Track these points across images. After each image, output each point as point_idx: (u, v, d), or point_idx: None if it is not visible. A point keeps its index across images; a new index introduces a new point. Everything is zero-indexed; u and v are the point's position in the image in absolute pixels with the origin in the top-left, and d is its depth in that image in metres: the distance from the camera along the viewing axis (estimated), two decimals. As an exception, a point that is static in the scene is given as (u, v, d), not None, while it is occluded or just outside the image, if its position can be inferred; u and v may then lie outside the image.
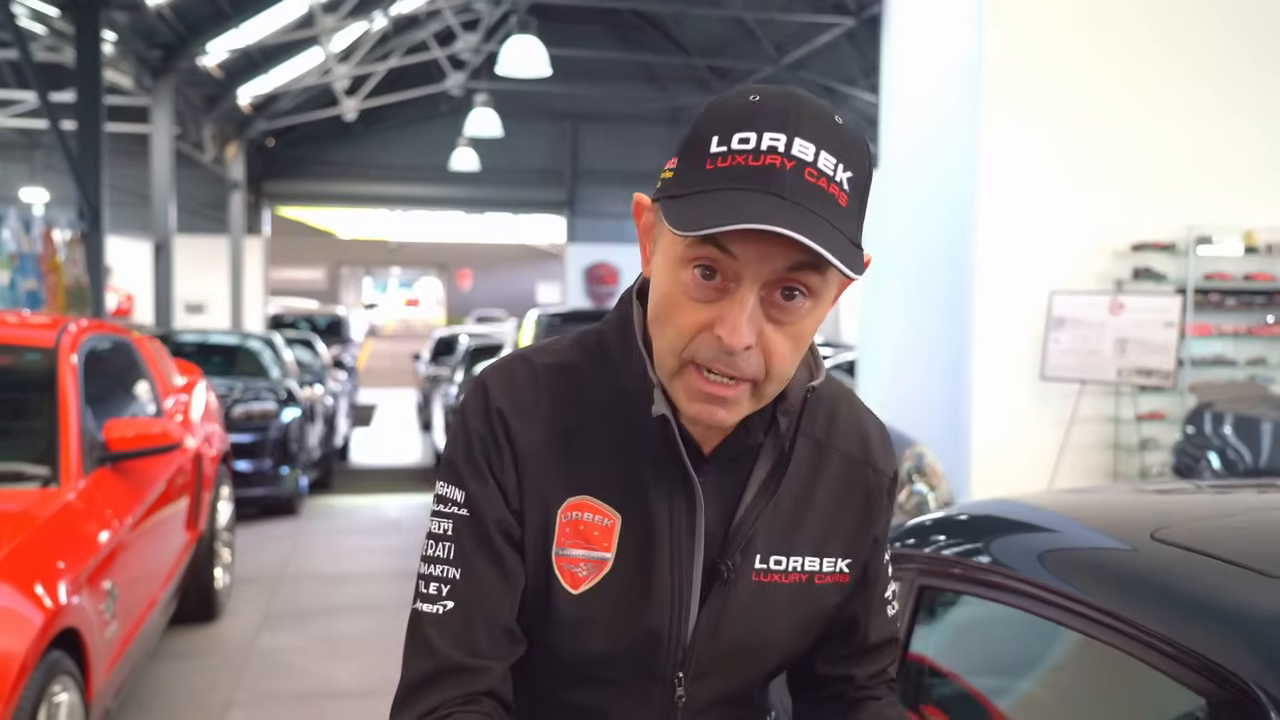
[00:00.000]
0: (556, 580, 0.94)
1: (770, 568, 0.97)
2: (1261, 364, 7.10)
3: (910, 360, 8.01)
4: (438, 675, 0.93)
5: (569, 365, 0.98)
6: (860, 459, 1.02)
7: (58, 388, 3.07)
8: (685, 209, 0.84)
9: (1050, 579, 1.08)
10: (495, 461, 0.94)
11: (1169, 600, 0.96)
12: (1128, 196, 6.91)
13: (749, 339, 0.85)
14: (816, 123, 0.85)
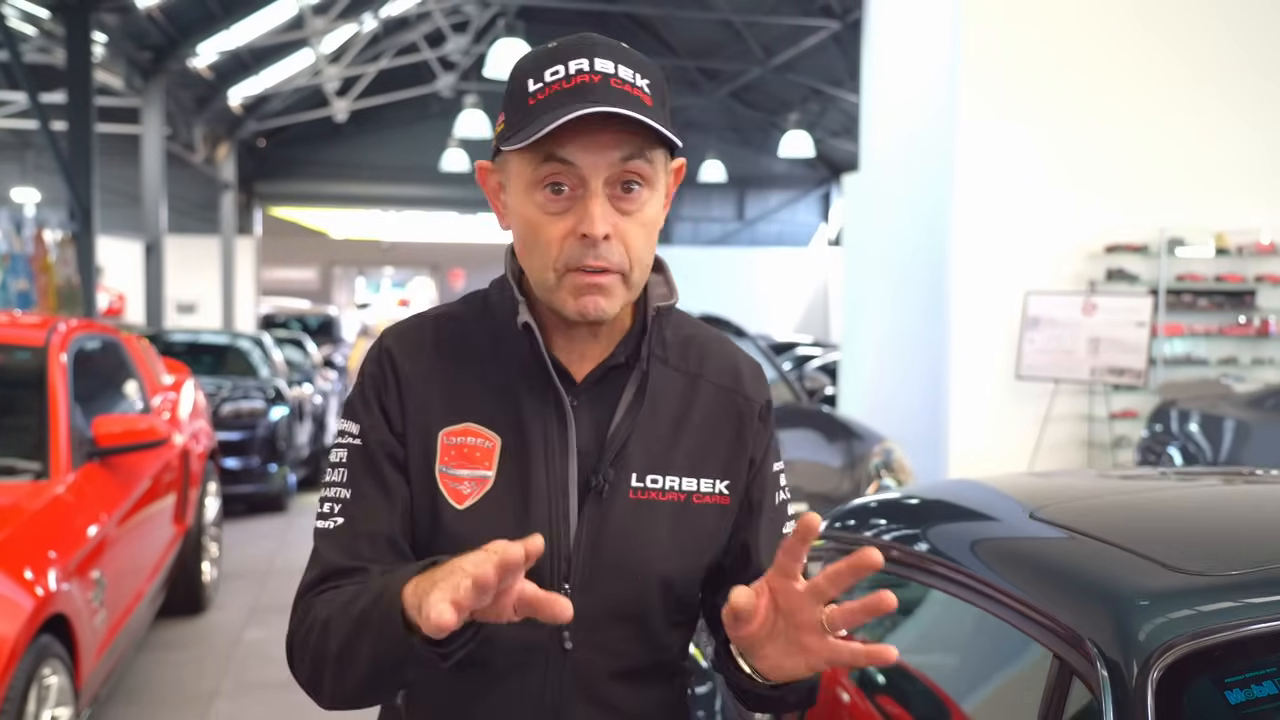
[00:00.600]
0: (442, 496, 1.04)
1: (647, 486, 1.05)
2: (1232, 363, 7.24)
3: (891, 360, 8.13)
4: (323, 577, 1.02)
5: (455, 314, 1.11)
6: (731, 388, 1.11)
7: (47, 385, 3.17)
8: (523, 133, 0.97)
9: (941, 554, 1.20)
10: (382, 392, 1.06)
11: (1031, 570, 1.08)
12: (1101, 199, 7.05)
13: (607, 227, 0.97)
14: (610, 48, 1.01)
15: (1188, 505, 1.33)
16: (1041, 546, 1.14)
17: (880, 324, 8.33)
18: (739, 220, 23.83)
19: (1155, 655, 0.86)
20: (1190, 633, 0.88)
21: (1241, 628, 0.90)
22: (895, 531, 1.35)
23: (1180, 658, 0.87)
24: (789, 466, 4.08)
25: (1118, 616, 0.91)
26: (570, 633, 1.03)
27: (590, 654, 1.04)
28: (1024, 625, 1.02)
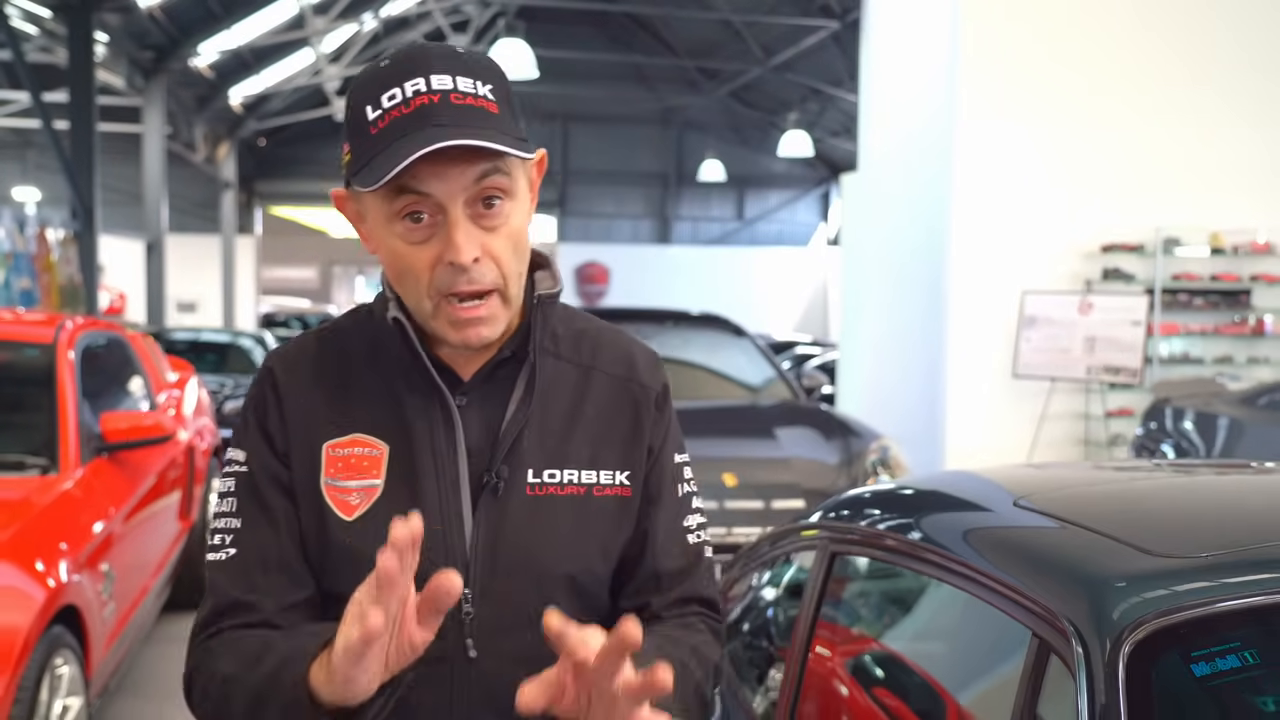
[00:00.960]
0: (330, 509, 1.02)
1: (545, 481, 1.03)
2: (1228, 362, 7.29)
3: (889, 358, 8.18)
4: (218, 611, 1.01)
5: (338, 329, 1.10)
6: (625, 377, 1.09)
7: (56, 382, 3.23)
8: (368, 173, 0.95)
9: (930, 541, 1.25)
10: (262, 412, 1.05)
11: (1014, 554, 1.13)
12: (1098, 199, 7.10)
13: (473, 251, 0.96)
14: (444, 59, 0.97)
15: (1168, 494, 1.39)
16: (1024, 532, 1.20)
17: (878, 323, 8.38)
18: (738, 220, 23.87)
19: (1126, 632, 0.92)
20: (1159, 611, 0.94)
21: (1208, 606, 0.96)
22: (887, 520, 1.40)
23: (1150, 634, 0.92)
24: (787, 464, 4.10)
25: (1092, 596, 0.97)
26: (474, 640, 1.00)
27: (497, 663, 1.01)
28: (1006, 607, 1.07)
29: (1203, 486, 1.46)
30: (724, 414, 5.04)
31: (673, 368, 5.90)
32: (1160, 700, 0.88)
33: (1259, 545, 1.05)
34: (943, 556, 1.21)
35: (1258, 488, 1.43)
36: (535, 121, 21.67)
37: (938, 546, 1.23)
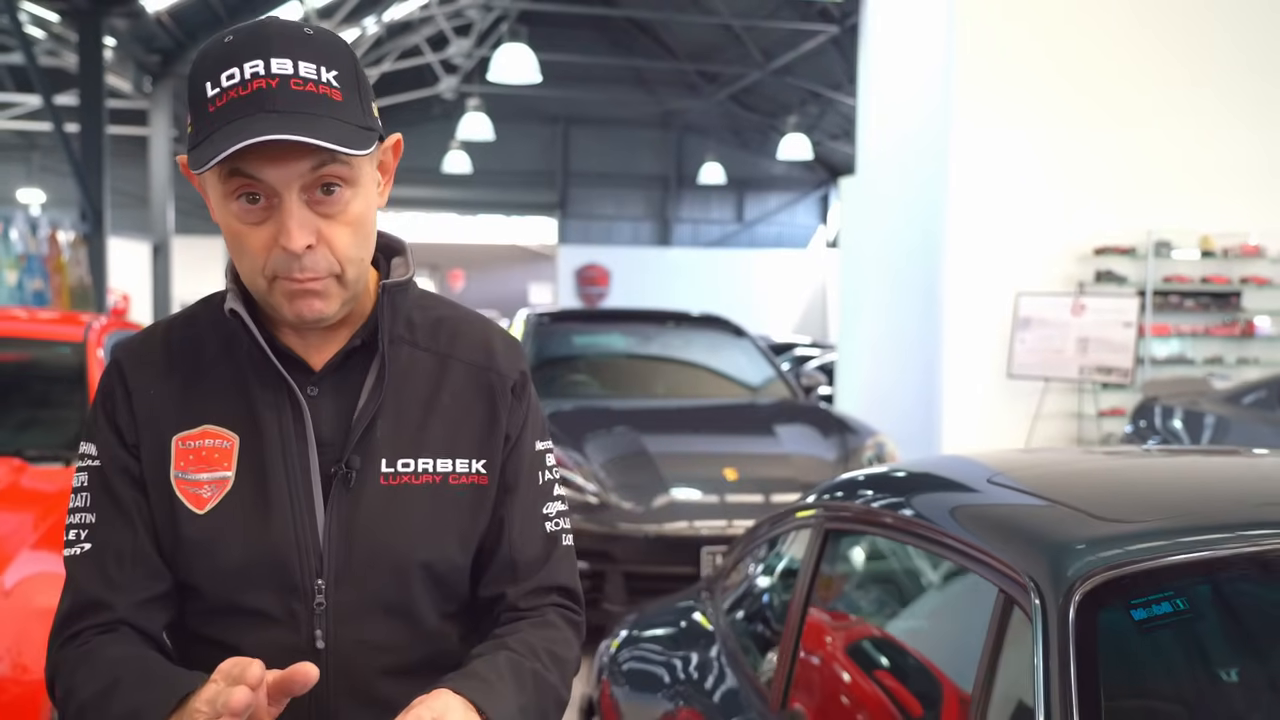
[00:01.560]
0: (180, 503, 1.01)
1: (399, 470, 1.01)
2: (1218, 363, 7.45)
3: (886, 359, 8.33)
4: (76, 609, 1.01)
5: (190, 319, 1.08)
6: (483, 365, 1.07)
7: (87, 377, 3.38)
8: (200, 152, 0.93)
9: (915, 514, 1.40)
10: (112, 407, 1.04)
11: (985, 523, 1.28)
12: (1091, 203, 7.25)
13: (305, 239, 0.94)
14: (288, 41, 0.94)
15: (1128, 471, 1.54)
16: (995, 504, 1.35)
17: (876, 324, 8.53)
18: (738, 222, 24.01)
19: (1076, 585, 1.06)
20: (1105, 566, 1.09)
21: (1146, 562, 1.11)
22: (877, 499, 1.55)
23: (1096, 586, 1.07)
24: (786, 460, 4.27)
25: (1049, 556, 1.11)
26: (323, 631, 0.99)
27: (354, 651, 1.01)
28: (978, 569, 1.22)
29: (1161, 465, 1.62)
30: (725, 412, 5.20)
31: (674, 366, 6.09)
32: (1104, 641, 1.03)
33: (1195, 512, 1.20)
34: (925, 528, 1.36)
35: (1210, 466, 1.59)
36: (537, 124, 21.83)
37: (921, 519, 1.38)
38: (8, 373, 3.52)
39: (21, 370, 3.54)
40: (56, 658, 1.01)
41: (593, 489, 4.13)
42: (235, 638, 1.00)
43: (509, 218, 23.41)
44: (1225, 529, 1.17)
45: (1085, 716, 0.97)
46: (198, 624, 1.04)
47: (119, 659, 0.98)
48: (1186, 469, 1.64)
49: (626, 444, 4.42)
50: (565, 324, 6.17)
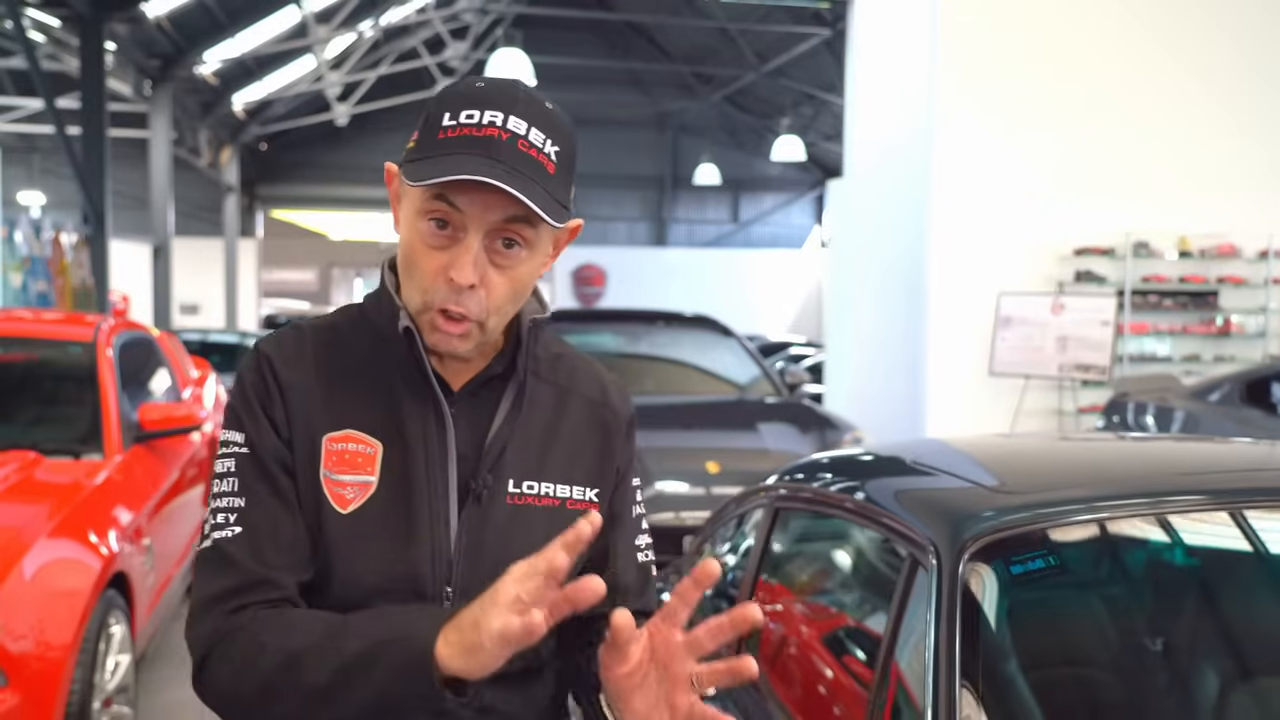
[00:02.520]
0: (327, 501, 1.05)
1: (524, 492, 1.09)
2: (1195, 360, 7.63)
3: (874, 357, 8.51)
4: (242, 587, 1.02)
5: (332, 325, 1.14)
6: (599, 401, 1.15)
7: (98, 376, 3.55)
8: (420, 167, 1.01)
9: (846, 491, 1.58)
10: (264, 400, 1.08)
11: (902, 498, 1.46)
12: (1071, 205, 7.43)
13: (473, 278, 1.01)
14: (530, 106, 1.03)
15: (1057, 451, 1.73)
16: (915, 483, 1.53)
17: (864, 323, 8.70)
18: (734, 222, 24.18)
19: (966, 545, 1.24)
20: (990, 530, 1.26)
21: (1025, 526, 1.29)
22: (818, 480, 1.73)
23: (982, 546, 1.24)
24: (767, 454, 4.47)
25: (946, 522, 1.29)
26: None
27: None
28: (894, 537, 1.39)
29: (1088, 447, 1.80)
30: (710, 408, 5.38)
31: (663, 365, 6.26)
32: (986, 592, 1.21)
33: (1086, 484, 1.38)
34: (856, 504, 1.54)
35: (1130, 448, 1.77)
36: (533, 126, 21.96)
37: (852, 496, 1.56)
38: (22, 371, 3.70)
39: (35, 369, 3.71)
40: (217, 629, 1.01)
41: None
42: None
43: (506, 219, 23.57)
44: (1110, 498, 1.35)
45: (967, 654, 1.15)
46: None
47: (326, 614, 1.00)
48: (1107, 450, 1.82)
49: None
50: (557, 324, 6.35)
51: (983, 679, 1.15)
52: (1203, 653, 1.31)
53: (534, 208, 0.99)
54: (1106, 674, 1.28)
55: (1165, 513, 1.34)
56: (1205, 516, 1.44)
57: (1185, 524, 1.41)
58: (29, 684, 2.38)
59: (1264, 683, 1.32)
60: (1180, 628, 1.34)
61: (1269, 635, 1.36)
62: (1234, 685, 1.29)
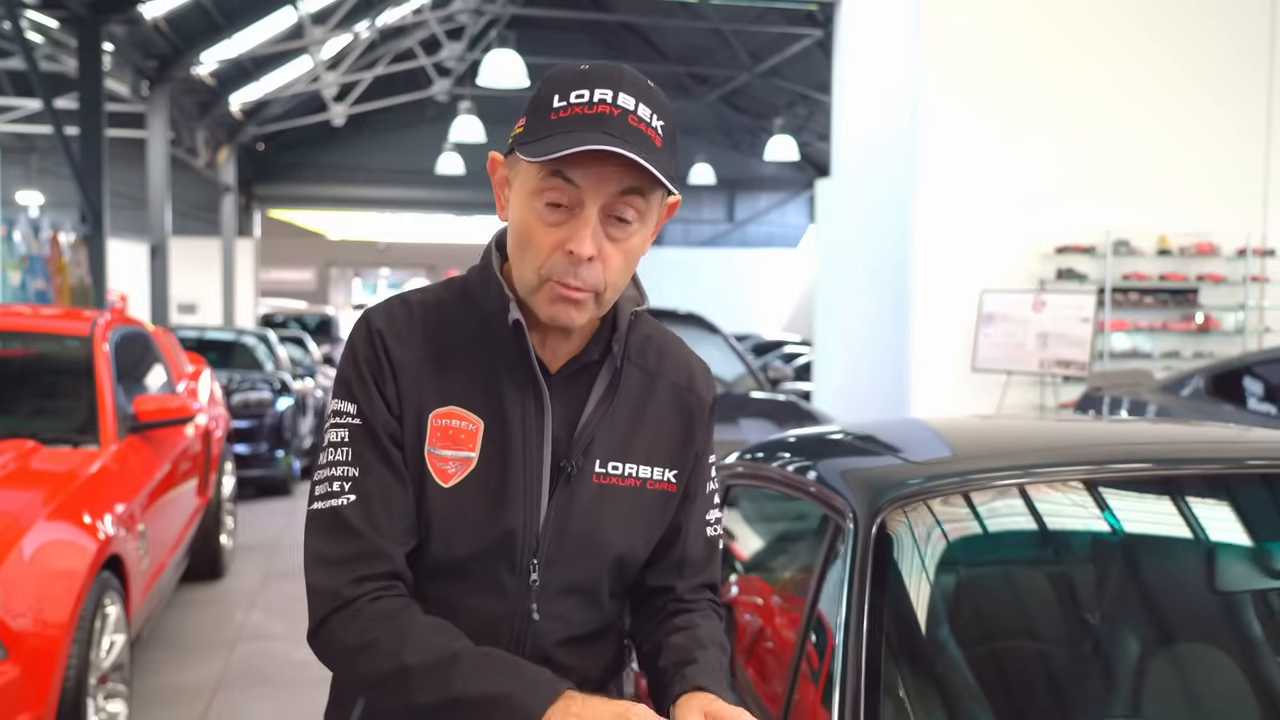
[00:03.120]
0: (430, 475, 1.10)
1: (609, 472, 1.14)
2: (1175, 356, 7.76)
3: (861, 354, 8.64)
4: (360, 555, 1.08)
5: (439, 301, 1.17)
6: (686, 386, 1.20)
7: (95, 368, 3.68)
8: (537, 146, 1.04)
9: (785, 467, 1.71)
10: (378, 375, 1.11)
11: (831, 470, 1.59)
12: (1052, 204, 7.56)
13: (592, 250, 1.05)
14: (635, 84, 1.07)
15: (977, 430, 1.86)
16: (848, 458, 1.66)
17: (851, 321, 8.83)
18: (729, 222, 24.31)
19: (879, 510, 1.36)
20: (900, 496, 1.39)
21: (929, 494, 1.41)
22: (760, 455, 1.86)
23: (891, 510, 1.37)
24: (744, 447, 4.57)
25: (864, 491, 1.41)
26: (537, 605, 1.11)
27: (549, 623, 1.12)
28: (823, 506, 1.52)
29: (1028, 427, 1.94)
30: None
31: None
32: (894, 549, 1.33)
33: (1002, 456, 1.51)
34: (794, 479, 1.66)
35: (1062, 428, 1.90)
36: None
37: (793, 472, 1.69)
38: (22, 364, 3.83)
39: (34, 362, 3.84)
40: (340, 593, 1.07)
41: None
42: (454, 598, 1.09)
43: (502, 218, 23.69)
44: (1020, 468, 1.48)
45: (875, 605, 1.27)
46: (419, 580, 1.12)
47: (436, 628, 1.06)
48: (1042, 429, 1.95)
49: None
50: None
51: (890, 624, 1.28)
52: (1091, 604, 1.44)
53: (654, 171, 1.02)
54: (1005, 619, 1.41)
55: (1062, 480, 1.48)
56: (1118, 489, 1.58)
57: (1092, 494, 1.54)
58: (28, 658, 2.51)
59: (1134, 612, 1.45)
60: (1078, 584, 1.47)
61: (1146, 586, 1.49)
62: (1119, 627, 1.42)
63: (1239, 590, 1.64)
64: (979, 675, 1.39)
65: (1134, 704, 1.50)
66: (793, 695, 1.38)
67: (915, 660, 1.34)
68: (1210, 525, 1.68)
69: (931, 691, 1.35)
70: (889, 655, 1.28)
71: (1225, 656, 1.68)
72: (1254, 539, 1.73)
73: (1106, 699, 1.44)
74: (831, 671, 1.30)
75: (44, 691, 2.54)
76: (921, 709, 1.32)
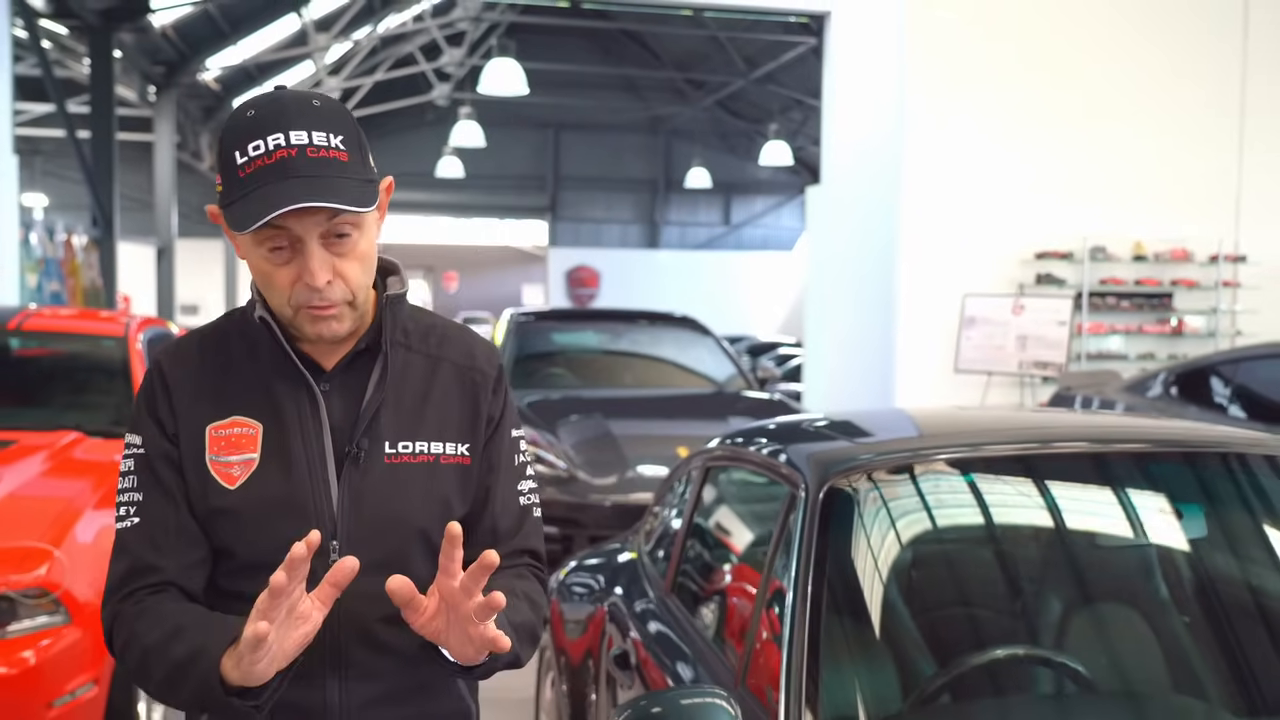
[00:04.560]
0: (214, 481, 1.20)
1: (399, 452, 1.22)
2: (1150, 358, 8.07)
3: (849, 358, 8.93)
4: (129, 573, 1.19)
5: (216, 329, 1.29)
6: (468, 365, 1.28)
7: (130, 365, 3.98)
8: (235, 212, 1.12)
9: (760, 449, 2.02)
10: (154, 403, 1.23)
11: (796, 452, 1.90)
12: (1032, 211, 7.87)
13: (326, 275, 1.14)
14: (300, 114, 1.12)
15: (940, 416, 2.18)
16: (809, 441, 1.97)
17: (840, 324, 9.12)
18: (725, 225, 24.59)
19: (827, 479, 1.66)
20: (844, 469, 1.69)
21: (873, 467, 1.72)
22: (738, 439, 2.17)
23: (837, 479, 1.67)
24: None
25: (814, 465, 1.72)
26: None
27: (360, 603, 1.16)
28: (784, 480, 1.83)
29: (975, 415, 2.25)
30: (684, 401, 5.83)
31: (642, 361, 6.69)
32: (836, 512, 1.64)
33: (935, 437, 1.82)
34: (763, 459, 1.97)
35: (1001, 416, 2.21)
36: (528, 129, 22.40)
37: (759, 452, 1.99)
38: (63, 362, 4.13)
39: (74, 360, 4.14)
40: (114, 610, 1.19)
41: (563, 465, 4.75)
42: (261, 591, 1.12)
43: (501, 221, 23.97)
44: (956, 446, 1.78)
45: (819, 558, 1.57)
46: (228, 581, 1.22)
47: (176, 610, 1.17)
48: (994, 416, 2.27)
49: (595, 427, 5.04)
50: (545, 323, 6.79)
51: (832, 574, 1.58)
52: (1014, 560, 1.76)
53: (346, 208, 1.12)
54: (936, 573, 1.72)
55: (994, 456, 1.79)
56: (1043, 464, 1.88)
57: (1020, 467, 1.84)
58: (88, 622, 2.81)
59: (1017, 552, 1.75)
60: (1003, 541, 1.78)
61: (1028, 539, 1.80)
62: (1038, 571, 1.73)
63: (1141, 545, 1.93)
64: (912, 617, 1.69)
65: (1058, 640, 1.79)
66: (755, 633, 1.68)
67: (854, 606, 1.64)
68: (1123, 496, 1.98)
69: (869, 632, 1.65)
70: (831, 602, 1.58)
71: (1136, 614, 1.99)
72: (1166, 508, 2.02)
73: (1025, 635, 1.74)
74: (783, 613, 1.60)
75: (102, 654, 2.83)
76: (859, 644, 1.62)
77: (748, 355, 13.73)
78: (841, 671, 1.53)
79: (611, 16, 17.94)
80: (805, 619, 1.53)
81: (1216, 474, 2.07)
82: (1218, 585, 1.99)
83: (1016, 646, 1.59)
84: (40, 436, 3.52)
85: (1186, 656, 1.90)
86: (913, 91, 7.75)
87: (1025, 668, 1.63)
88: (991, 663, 1.53)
